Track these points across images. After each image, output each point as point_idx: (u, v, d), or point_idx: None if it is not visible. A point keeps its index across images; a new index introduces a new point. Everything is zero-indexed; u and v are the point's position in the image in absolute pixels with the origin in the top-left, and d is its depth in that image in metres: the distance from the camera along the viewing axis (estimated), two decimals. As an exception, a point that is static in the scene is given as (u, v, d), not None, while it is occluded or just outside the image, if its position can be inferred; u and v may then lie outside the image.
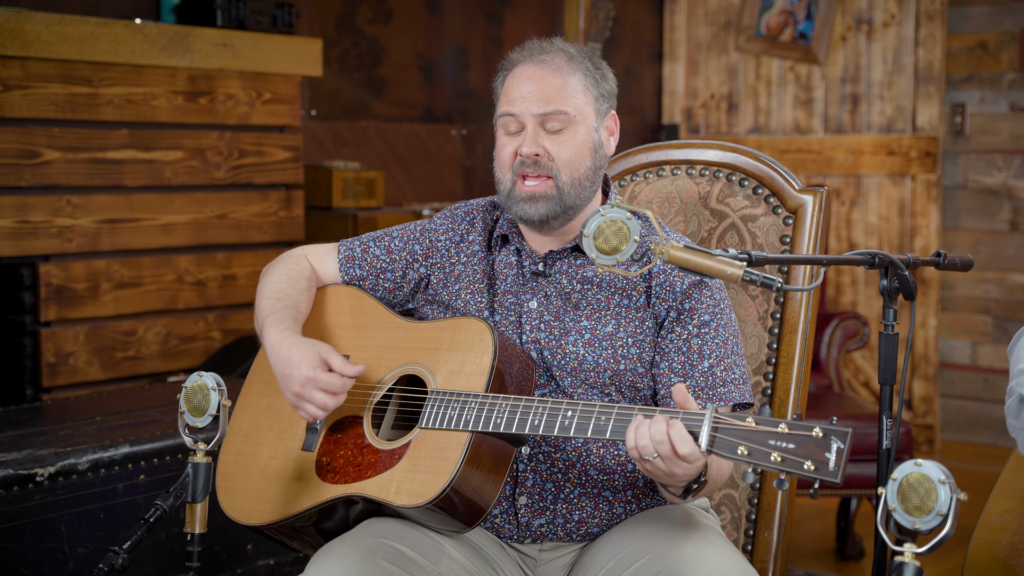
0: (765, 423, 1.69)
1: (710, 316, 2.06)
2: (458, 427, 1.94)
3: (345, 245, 2.28)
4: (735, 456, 1.70)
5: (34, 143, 3.72)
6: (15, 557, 2.75)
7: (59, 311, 3.80)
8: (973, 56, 5.64)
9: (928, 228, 5.64)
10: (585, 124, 2.08)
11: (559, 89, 2.07)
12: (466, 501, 1.93)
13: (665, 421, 1.76)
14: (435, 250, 2.22)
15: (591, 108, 2.10)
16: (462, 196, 5.48)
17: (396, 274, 2.23)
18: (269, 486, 2.10)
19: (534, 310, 2.10)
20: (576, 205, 2.09)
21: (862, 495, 4.11)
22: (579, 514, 2.07)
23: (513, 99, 2.08)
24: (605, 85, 2.14)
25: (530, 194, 2.07)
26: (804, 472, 1.65)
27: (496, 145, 2.14)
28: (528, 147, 2.06)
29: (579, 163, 2.07)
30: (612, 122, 2.16)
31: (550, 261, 2.13)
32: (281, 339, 2.07)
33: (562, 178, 2.06)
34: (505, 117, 2.10)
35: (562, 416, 1.88)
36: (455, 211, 2.26)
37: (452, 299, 2.18)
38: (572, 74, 2.09)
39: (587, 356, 2.06)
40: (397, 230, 2.27)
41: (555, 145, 2.06)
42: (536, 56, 2.10)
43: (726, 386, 2.05)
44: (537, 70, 2.09)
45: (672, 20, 6.33)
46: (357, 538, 1.96)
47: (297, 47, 4.32)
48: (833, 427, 1.65)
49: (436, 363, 2.05)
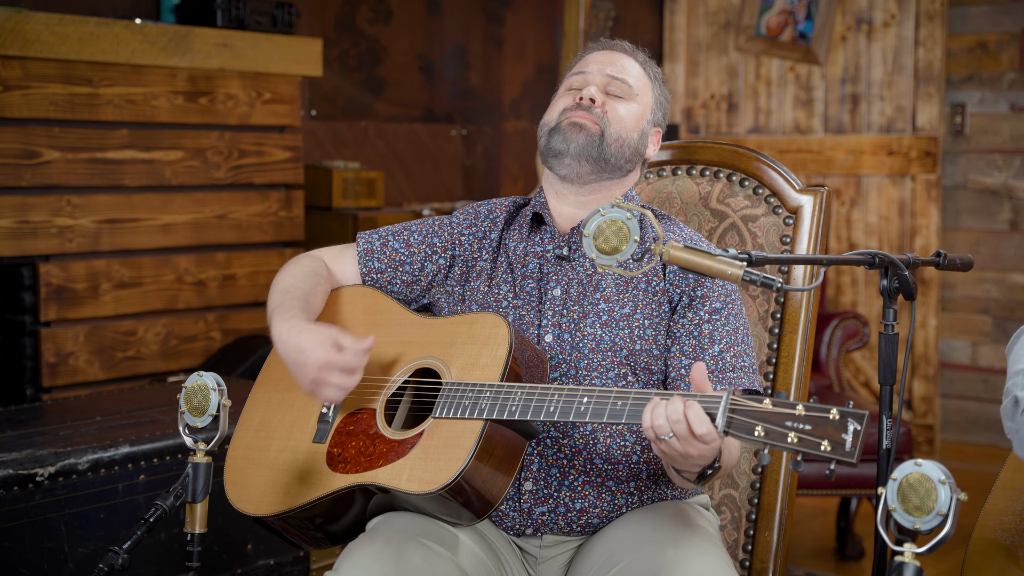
0: (782, 405, 1.71)
1: (721, 304, 2.10)
2: (472, 416, 1.94)
3: (364, 238, 2.28)
4: (752, 437, 1.70)
5: (34, 143, 3.73)
6: (15, 557, 2.75)
7: (59, 311, 3.80)
8: (973, 56, 5.64)
9: (928, 228, 5.64)
10: (642, 104, 2.20)
11: (630, 67, 2.23)
12: (477, 491, 1.93)
13: (682, 401, 1.77)
14: (457, 243, 2.24)
15: (650, 98, 2.23)
16: (462, 196, 5.48)
17: (415, 267, 2.24)
18: (279, 477, 2.09)
19: (557, 297, 2.13)
20: (611, 164, 2.15)
21: (862, 495, 4.11)
22: (581, 503, 2.07)
23: (587, 62, 2.23)
24: (663, 102, 2.27)
25: (575, 122, 2.14)
26: (821, 452, 1.66)
27: (553, 100, 2.23)
28: (591, 91, 2.16)
29: (629, 128, 2.17)
30: (657, 136, 2.26)
31: (575, 244, 2.15)
32: (289, 328, 2.05)
33: (610, 130, 2.15)
34: (573, 76, 2.22)
35: (577, 402, 1.89)
36: (478, 208, 2.28)
37: (472, 292, 2.19)
38: (642, 64, 2.25)
39: (604, 336, 2.08)
40: (416, 224, 2.28)
41: (612, 103, 2.17)
42: (615, 46, 2.26)
43: (735, 372, 2.06)
44: (610, 51, 2.25)
45: (672, 20, 6.33)
46: (386, 533, 1.95)
47: (297, 47, 4.33)
48: (850, 410, 1.66)
49: (451, 356, 2.05)
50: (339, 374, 1.99)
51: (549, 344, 2.10)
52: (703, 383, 1.80)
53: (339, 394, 2.00)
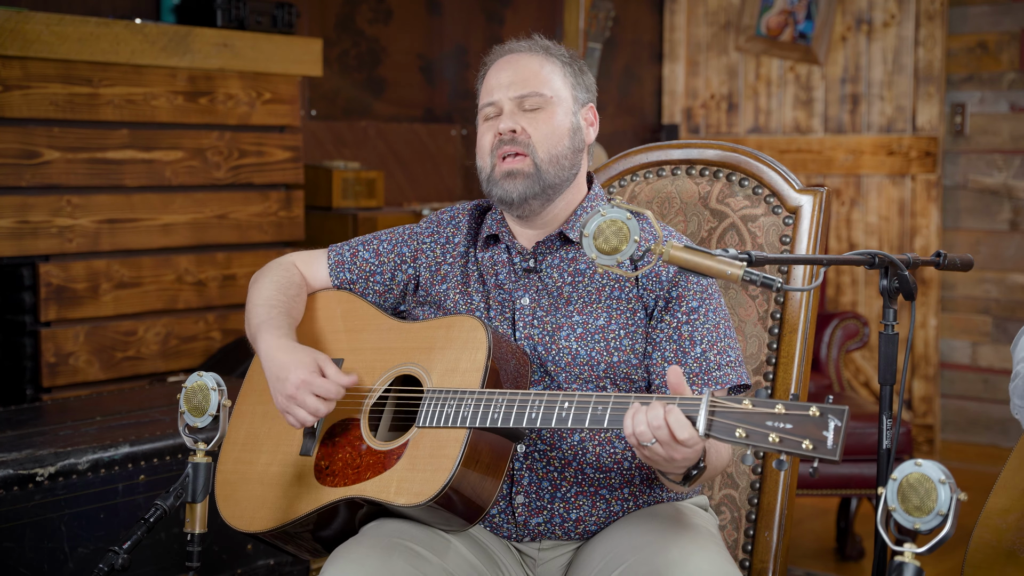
0: (762, 404, 1.70)
1: (698, 302, 2.07)
2: (455, 424, 1.94)
3: (334, 250, 2.29)
4: (733, 439, 1.70)
5: (34, 143, 3.72)
6: (15, 557, 2.75)
7: (59, 311, 3.80)
8: (973, 56, 5.64)
9: (928, 228, 5.64)
10: (563, 106, 2.13)
11: (535, 73, 2.12)
12: (466, 498, 1.93)
13: (662, 407, 1.76)
14: (421, 252, 2.23)
15: (568, 93, 2.15)
16: (462, 196, 5.48)
17: (385, 276, 2.24)
18: (269, 492, 2.10)
19: (526, 306, 2.11)
20: (555, 185, 2.11)
21: (862, 495, 4.11)
22: (576, 512, 2.07)
23: (492, 88, 2.14)
24: (583, 78, 2.19)
25: (508, 170, 2.10)
26: (803, 451, 1.65)
27: (477, 136, 2.17)
28: (505, 123, 2.10)
29: (556, 141, 2.11)
30: (591, 114, 2.19)
31: (540, 256, 2.14)
32: (278, 345, 2.08)
33: (539, 155, 2.09)
34: (486, 108, 2.15)
35: (559, 408, 1.88)
36: (440, 215, 2.28)
37: (442, 299, 2.18)
38: (548, 61, 2.15)
39: (580, 350, 2.06)
40: (385, 234, 2.28)
41: (532, 123, 2.10)
42: (513, 49, 2.17)
43: (721, 369, 2.05)
44: (514, 58, 2.15)
45: (672, 20, 6.33)
46: (373, 537, 1.96)
47: (297, 47, 4.32)
48: (830, 406, 1.66)
49: (431, 362, 2.05)
50: (314, 398, 2.00)
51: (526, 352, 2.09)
52: (680, 387, 1.80)
53: (308, 419, 2.02)
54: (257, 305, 2.19)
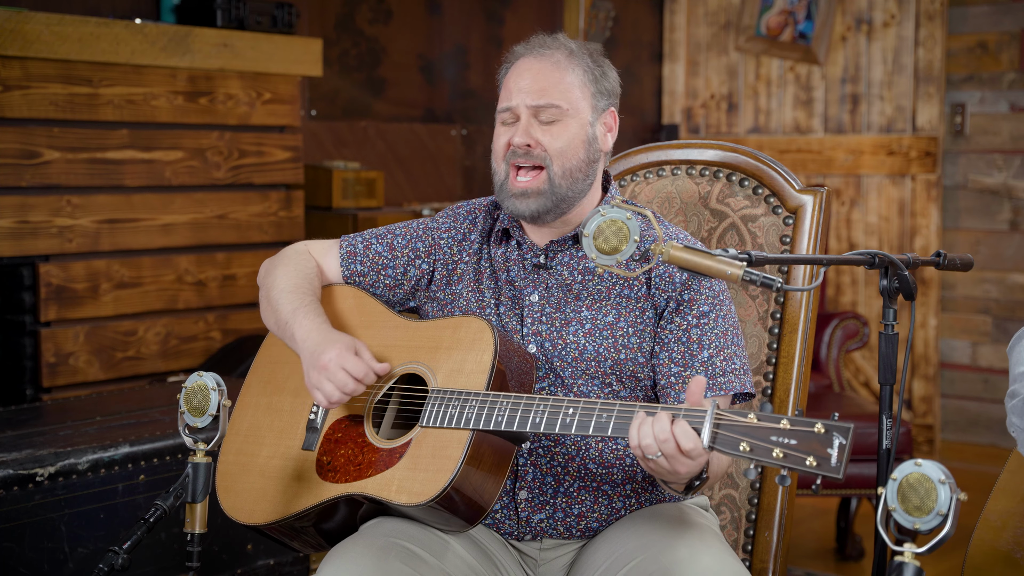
0: (767, 419, 1.69)
1: (709, 307, 2.07)
2: (459, 425, 1.94)
3: (347, 241, 2.28)
4: (737, 452, 1.70)
5: (34, 143, 3.72)
6: (15, 557, 2.75)
7: (59, 311, 3.80)
8: (973, 56, 5.64)
9: (928, 228, 5.64)
10: (579, 118, 2.11)
11: (556, 83, 2.10)
12: (467, 499, 1.93)
13: (668, 418, 1.76)
14: (437, 247, 2.23)
15: (587, 103, 2.12)
16: (462, 196, 5.48)
17: (397, 271, 2.24)
18: (269, 485, 2.10)
19: (535, 303, 2.12)
20: (569, 197, 2.11)
21: (862, 495, 4.11)
22: (578, 508, 2.07)
23: (511, 92, 2.12)
24: (605, 83, 2.16)
25: (521, 190, 2.09)
26: (806, 468, 1.65)
27: (493, 136, 2.17)
28: (520, 137, 2.09)
29: (571, 154, 2.10)
30: (611, 119, 2.17)
31: (551, 253, 2.14)
32: (317, 327, 2.08)
33: (554, 168, 2.08)
34: (504, 112, 2.14)
35: (563, 414, 1.88)
36: (457, 210, 2.27)
37: (455, 297, 2.18)
38: (571, 69, 2.12)
39: (587, 345, 2.07)
40: (400, 227, 2.27)
41: (547, 136, 2.09)
42: (537, 50, 2.14)
43: (726, 376, 2.05)
44: (536, 63, 2.12)
45: (672, 20, 6.33)
46: (369, 537, 1.96)
47: (297, 47, 4.32)
48: (835, 423, 1.65)
49: (436, 362, 2.05)
50: (344, 374, 2.00)
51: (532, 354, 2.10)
52: (698, 398, 1.78)
53: (335, 395, 2.01)
54: (285, 291, 2.17)
